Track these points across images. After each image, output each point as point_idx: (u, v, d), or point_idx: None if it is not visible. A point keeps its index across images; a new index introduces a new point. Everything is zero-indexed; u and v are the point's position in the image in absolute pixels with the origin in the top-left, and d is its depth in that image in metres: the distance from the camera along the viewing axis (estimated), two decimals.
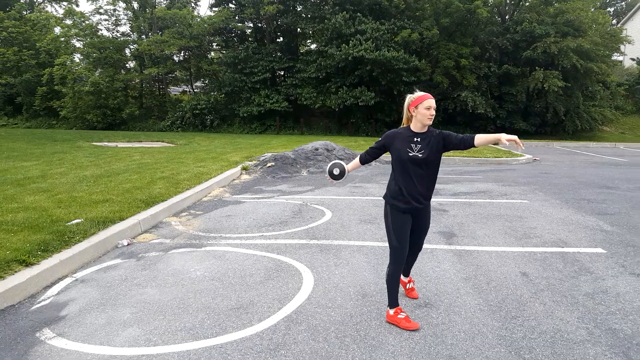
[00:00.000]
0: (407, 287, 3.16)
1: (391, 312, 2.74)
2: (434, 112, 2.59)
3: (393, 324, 2.72)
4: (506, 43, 22.31)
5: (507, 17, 24.34)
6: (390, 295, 2.75)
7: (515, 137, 2.45)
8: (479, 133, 2.83)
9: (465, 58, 21.12)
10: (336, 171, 2.92)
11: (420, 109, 2.56)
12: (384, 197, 2.82)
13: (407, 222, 2.73)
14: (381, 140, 2.77)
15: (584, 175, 9.60)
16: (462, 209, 6.04)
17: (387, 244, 4.30)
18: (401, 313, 2.72)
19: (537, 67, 21.15)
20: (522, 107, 22.79)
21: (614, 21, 34.66)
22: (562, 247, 4.32)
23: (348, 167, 2.95)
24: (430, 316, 2.86)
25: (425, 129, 2.64)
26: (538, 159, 13.17)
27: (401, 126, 2.76)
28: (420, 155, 2.60)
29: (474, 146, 2.57)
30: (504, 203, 6.47)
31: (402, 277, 3.12)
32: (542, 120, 22.63)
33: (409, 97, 2.66)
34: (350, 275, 3.57)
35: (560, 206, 6.30)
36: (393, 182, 2.74)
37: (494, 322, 2.78)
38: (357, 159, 2.95)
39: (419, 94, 2.63)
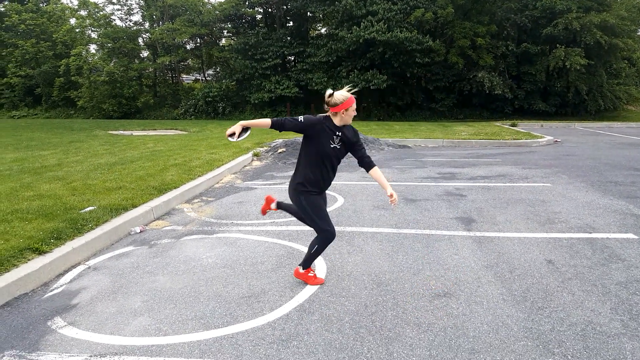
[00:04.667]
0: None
1: (301, 270, 3.05)
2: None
3: (301, 280, 3.06)
4: (525, 20, 21.32)
5: None
6: (310, 259, 2.99)
7: (394, 197, 2.76)
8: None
9: (481, 37, 20.29)
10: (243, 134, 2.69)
11: (350, 112, 2.72)
12: (295, 188, 2.87)
13: (324, 203, 2.97)
14: (304, 124, 2.70)
15: (609, 157, 9.17)
16: (481, 193, 5.82)
17: (402, 231, 4.21)
18: (311, 272, 3.07)
19: (557, 45, 20.18)
20: (542, 87, 21.89)
21: None
22: (590, 233, 4.10)
23: (250, 122, 2.69)
24: (450, 306, 2.73)
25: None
26: (559, 140, 12.67)
27: (321, 115, 2.79)
28: (338, 147, 2.80)
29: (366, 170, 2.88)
30: (525, 187, 6.21)
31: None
32: (562, 101, 21.72)
33: (338, 97, 2.67)
34: (364, 263, 3.45)
35: (585, 189, 6.01)
36: (310, 172, 2.81)
37: (519, 314, 2.63)
38: (266, 120, 2.67)
39: (346, 95, 2.68)
